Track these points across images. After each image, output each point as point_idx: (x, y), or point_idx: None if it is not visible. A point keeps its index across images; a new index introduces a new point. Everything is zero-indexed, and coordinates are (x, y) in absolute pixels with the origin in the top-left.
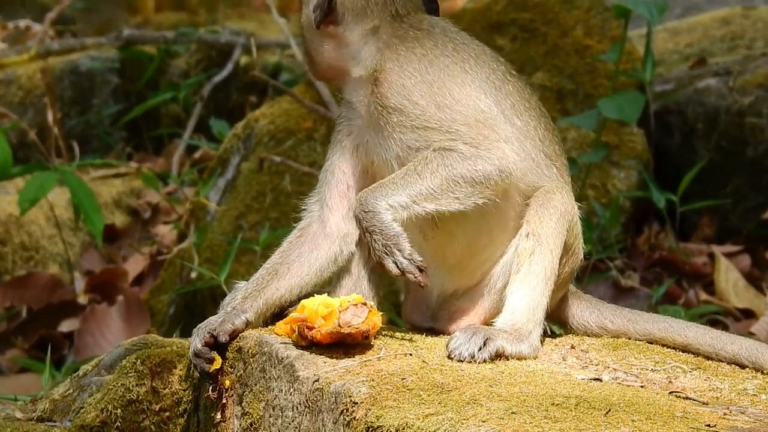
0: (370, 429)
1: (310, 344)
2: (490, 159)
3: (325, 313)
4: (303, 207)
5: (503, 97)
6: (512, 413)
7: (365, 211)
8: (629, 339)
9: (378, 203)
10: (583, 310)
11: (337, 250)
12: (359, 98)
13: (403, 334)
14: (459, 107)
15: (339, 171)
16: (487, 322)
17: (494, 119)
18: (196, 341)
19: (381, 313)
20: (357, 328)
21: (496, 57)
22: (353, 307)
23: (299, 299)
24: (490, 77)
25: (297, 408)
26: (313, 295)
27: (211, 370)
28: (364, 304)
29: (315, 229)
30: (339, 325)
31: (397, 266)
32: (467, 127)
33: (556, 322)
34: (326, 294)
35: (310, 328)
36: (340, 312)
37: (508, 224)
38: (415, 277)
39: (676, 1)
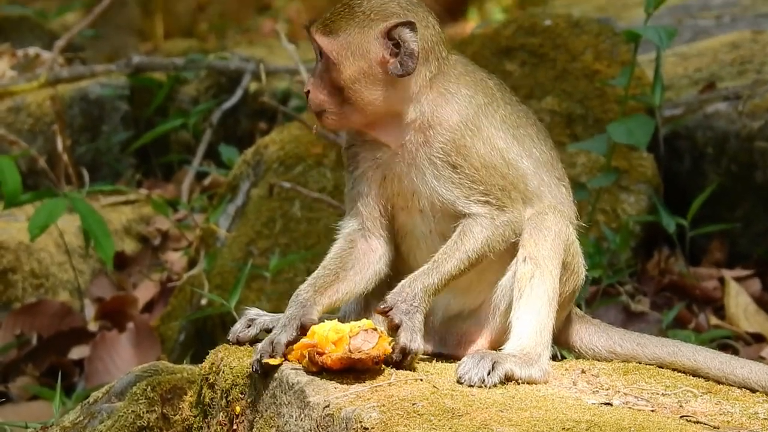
0: None
1: (320, 370)
2: (510, 223)
3: (335, 338)
4: (339, 226)
5: (528, 135)
6: None
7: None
8: (639, 363)
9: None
10: (592, 334)
11: (381, 267)
12: (399, 140)
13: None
14: (504, 169)
15: (371, 199)
16: (495, 347)
17: (526, 174)
18: (283, 335)
19: (391, 338)
20: (367, 354)
21: (506, 87)
22: (363, 332)
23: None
24: (520, 117)
25: None
26: (323, 321)
27: (274, 363)
28: (375, 329)
29: (361, 244)
30: (349, 351)
31: (406, 338)
32: (501, 191)
33: (565, 346)
34: (336, 320)
35: (321, 354)
36: (350, 338)
37: (516, 245)
38: (396, 353)
39: (685, 26)
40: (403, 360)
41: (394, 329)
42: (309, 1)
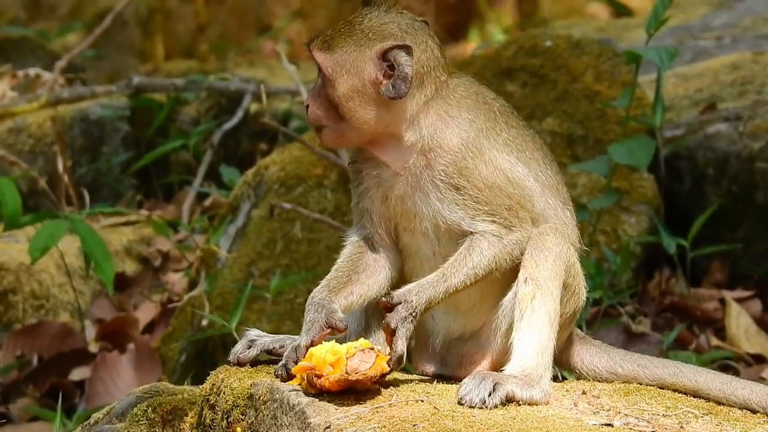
0: None
1: (319, 392)
2: (519, 243)
3: (332, 360)
4: (346, 235)
5: (534, 159)
6: None
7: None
8: (640, 384)
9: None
10: (593, 355)
11: (393, 273)
12: (401, 162)
13: (413, 380)
14: (509, 189)
15: (374, 215)
16: (496, 368)
17: (532, 195)
18: (306, 338)
19: (389, 356)
20: (365, 374)
21: (512, 110)
22: (360, 353)
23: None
24: (526, 141)
25: None
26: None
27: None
28: (372, 348)
29: (371, 252)
30: (347, 372)
31: (402, 347)
32: (508, 211)
33: (566, 367)
34: (333, 341)
35: (319, 376)
36: (347, 359)
37: (518, 266)
38: (393, 362)
39: (686, 47)
40: (397, 366)
41: (389, 332)
42: (310, 21)
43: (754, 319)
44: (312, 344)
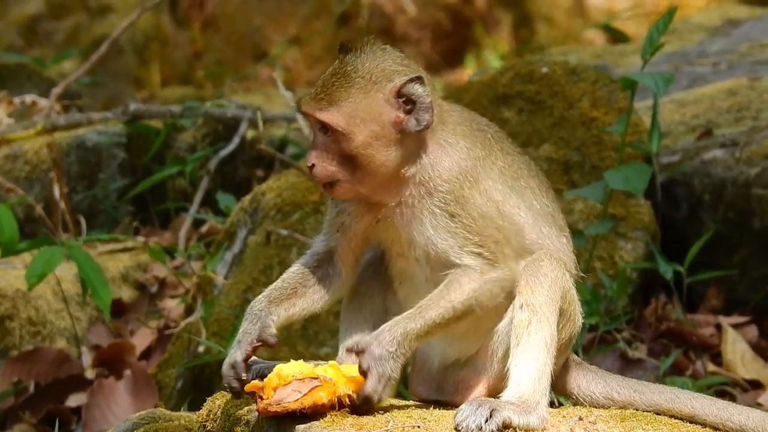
0: None
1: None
2: (500, 281)
3: (275, 384)
4: (313, 242)
5: (529, 187)
6: None
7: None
8: (636, 410)
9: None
10: (590, 381)
11: (343, 294)
12: (396, 197)
13: (410, 406)
14: (499, 221)
15: (352, 233)
16: (493, 394)
17: (522, 228)
18: (238, 354)
19: (349, 393)
20: (285, 408)
21: (506, 136)
22: (297, 382)
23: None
24: (521, 169)
25: None
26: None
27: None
28: (315, 377)
29: (329, 268)
30: (269, 403)
31: (372, 387)
32: (495, 244)
33: (562, 393)
34: (302, 360)
35: (261, 399)
36: (274, 390)
37: (514, 292)
38: (359, 400)
39: (682, 73)
40: (363, 406)
41: (363, 374)
42: (306, 48)
43: (750, 345)
44: (246, 359)
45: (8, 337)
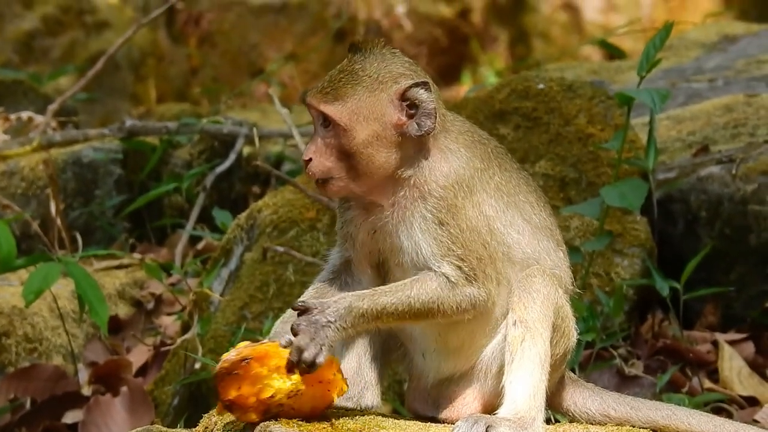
0: None
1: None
2: (472, 298)
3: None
4: (327, 256)
5: (527, 201)
6: None
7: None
8: (633, 427)
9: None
10: (586, 398)
11: None
12: (390, 197)
13: (406, 422)
14: (486, 237)
15: (358, 243)
16: (489, 410)
17: (509, 251)
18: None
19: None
20: (222, 367)
21: (505, 151)
22: (234, 349)
23: None
24: (519, 184)
25: None
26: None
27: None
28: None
29: (345, 276)
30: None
31: (301, 353)
32: (478, 261)
33: (559, 410)
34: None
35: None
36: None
37: (504, 306)
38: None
39: (678, 89)
40: (299, 362)
41: (293, 332)
42: (302, 65)
43: (747, 362)
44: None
45: (4, 353)
